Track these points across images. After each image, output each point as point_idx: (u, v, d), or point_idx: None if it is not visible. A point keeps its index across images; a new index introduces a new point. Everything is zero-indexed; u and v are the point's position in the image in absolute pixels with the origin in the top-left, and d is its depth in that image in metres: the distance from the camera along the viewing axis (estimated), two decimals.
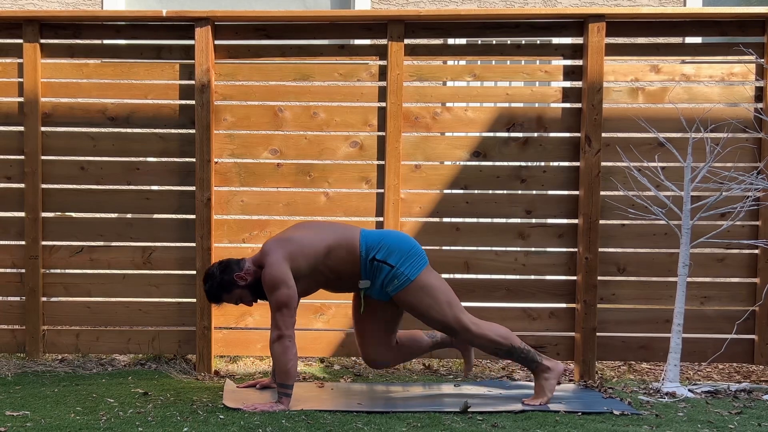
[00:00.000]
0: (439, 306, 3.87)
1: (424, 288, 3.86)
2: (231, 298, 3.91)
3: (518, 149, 4.59)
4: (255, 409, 3.67)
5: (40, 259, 4.61)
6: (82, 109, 4.65)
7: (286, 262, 3.77)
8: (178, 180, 4.63)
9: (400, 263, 3.85)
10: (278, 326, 3.72)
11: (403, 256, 3.87)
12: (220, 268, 3.88)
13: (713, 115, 4.46)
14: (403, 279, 3.85)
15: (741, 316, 4.49)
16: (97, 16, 4.83)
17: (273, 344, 3.74)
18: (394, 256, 3.86)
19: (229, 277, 3.86)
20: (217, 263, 3.93)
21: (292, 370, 3.74)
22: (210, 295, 3.92)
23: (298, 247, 3.82)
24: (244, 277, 3.85)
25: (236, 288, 3.87)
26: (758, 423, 3.57)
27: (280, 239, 3.88)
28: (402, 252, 3.87)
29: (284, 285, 3.73)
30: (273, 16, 4.63)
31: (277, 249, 3.81)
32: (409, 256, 3.88)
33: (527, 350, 3.93)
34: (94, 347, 4.68)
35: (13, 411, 3.63)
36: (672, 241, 4.48)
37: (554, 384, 3.90)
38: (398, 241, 3.92)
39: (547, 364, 3.93)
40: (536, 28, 4.60)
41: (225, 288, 3.88)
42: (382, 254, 3.86)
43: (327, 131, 4.63)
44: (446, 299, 3.89)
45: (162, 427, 3.40)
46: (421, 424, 3.50)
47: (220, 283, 3.87)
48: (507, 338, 3.91)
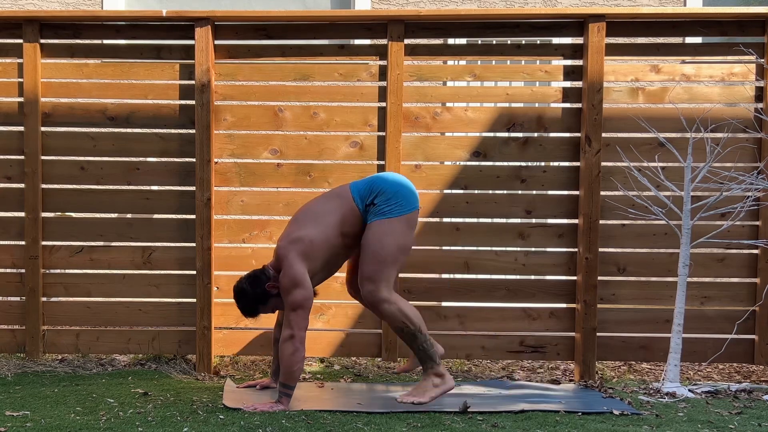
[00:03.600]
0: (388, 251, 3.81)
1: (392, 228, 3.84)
2: (267, 308, 3.93)
3: (518, 149, 4.59)
4: (255, 409, 3.67)
5: (40, 259, 4.61)
6: (82, 109, 4.65)
7: (303, 263, 3.78)
8: (178, 180, 4.62)
9: (385, 201, 3.87)
10: (292, 326, 3.73)
11: (389, 195, 3.88)
12: (250, 283, 3.89)
13: (713, 115, 4.46)
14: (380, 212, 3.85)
15: (741, 316, 4.49)
16: (97, 16, 4.83)
17: (284, 343, 3.74)
18: (381, 196, 3.88)
19: (261, 289, 3.87)
20: (245, 278, 3.92)
21: (296, 372, 3.75)
22: (246, 311, 3.93)
23: (310, 244, 3.82)
24: (275, 285, 3.86)
25: (270, 298, 3.89)
26: (758, 423, 3.57)
27: (292, 240, 3.86)
28: (389, 192, 3.88)
29: (300, 286, 3.74)
30: (273, 16, 4.63)
31: (291, 250, 3.81)
32: (395, 196, 3.88)
33: (431, 344, 3.85)
34: (94, 347, 4.68)
35: (13, 411, 3.63)
36: (672, 241, 4.48)
37: (438, 393, 3.78)
38: (388, 182, 3.92)
39: (442, 371, 3.84)
40: (536, 28, 4.60)
41: (260, 301, 3.89)
42: (371, 198, 3.89)
43: (327, 131, 4.63)
44: (398, 255, 3.85)
45: (162, 427, 3.40)
46: (421, 424, 3.50)
47: (254, 297, 3.88)
48: (417, 320, 3.82)
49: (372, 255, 3.83)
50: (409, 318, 3.80)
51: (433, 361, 3.83)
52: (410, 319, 3.80)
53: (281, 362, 3.78)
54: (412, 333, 3.81)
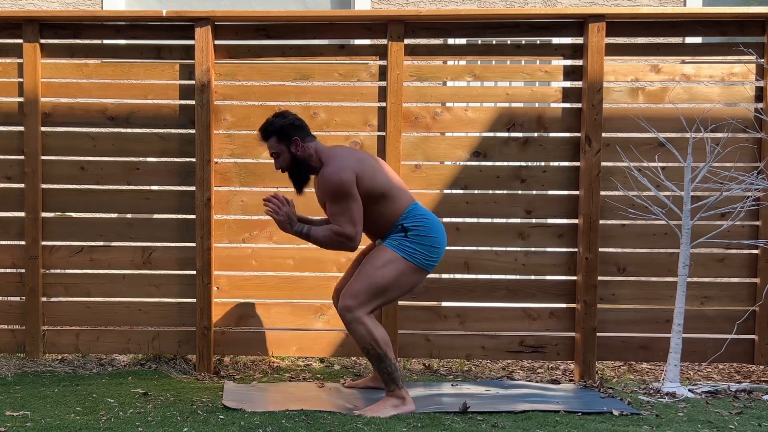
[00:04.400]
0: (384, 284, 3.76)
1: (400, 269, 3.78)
2: (276, 146, 3.89)
3: (518, 149, 4.59)
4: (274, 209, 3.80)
5: (40, 259, 4.61)
6: (82, 109, 4.65)
7: (354, 176, 3.75)
8: (178, 180, 4.62)
9: (413, 241, 3.80)
10: (356, 230, 3.74)
11: (423, 242, 3.80)
12: (294, 122, 3.89)
13: (713, 115, 4.46)
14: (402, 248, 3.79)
15: (741, 316, 4.49)
16: (97, 16, 4.83)
17: (343, 237, 3.74)
18: (415, 233, 3.81)
19: (292, 134, 3.86)
20: (299, 117, 3.94)
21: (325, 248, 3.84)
22: (266, 128, 3.90)
23: (366, 172, 3.79)
24: (299, 146, 3.85)
25: (286, 145, 3.87)
26: (758, 423, 3.57)
27: (353, 153, 3.87)
28: (425, 239, 3.81)
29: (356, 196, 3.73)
30: (273, 16, 4.63)
31: (349, 159, 3.79)
32: (426, 249, 3.81)
33: (396, 368, 3.79)
34: (94, 347, 4.68)
35: (13, 411, 3.63)
36: (672, 241, 4.48)
37: (394, 413, 3.70)
38: (433, 230, 3.85)
39: (404, 395, 3.78)
40: (536, 28, 4.60)
41: (281, 135, 3.86)
42: (409, 224, 3.83)
43: (327, 131, 4.63)
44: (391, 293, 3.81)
45: (162, 427, 3.40)
46: (421, 424, 3.50)
47: (282, 127, 3.86)
48: (385, 344, 3.75)
49: (367, 277, 3.78)
50: (377, 341, 3.74)
51: (396, 385, 3.77)
52: (378, 343, 3.74)
53: (327, 239, 3.79)
54: (378, 356, 3.75)
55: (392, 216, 3.85)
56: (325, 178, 3.76)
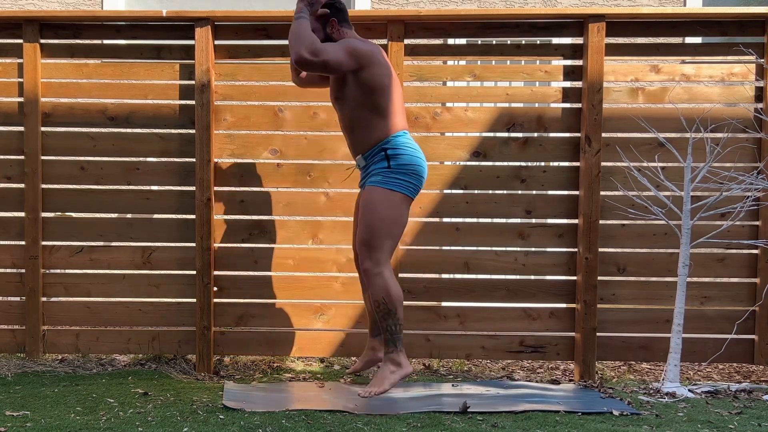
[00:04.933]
0: (387, 223, 3.85)
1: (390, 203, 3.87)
2: (308, 11, 3.98)
3: (518, 149, 4.60)
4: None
5: (40, 259, 4.61)
6: (82, 109, 4.65)
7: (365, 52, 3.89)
8: (178, 180, 4.62)
9: (398, 171, 3.88)
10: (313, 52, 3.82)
11: (407, 170, 3.90)
12: (335, 4, 4.03)
13: (713, 115, 4.46)
14: (385, 181, 3.88)
15: (741, 316, 4.49)
16: (97, 16, 4.83)
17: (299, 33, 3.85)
18: (398, 161, 3.88)
19: (332, 13, 4.01)
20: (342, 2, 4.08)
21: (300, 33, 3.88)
22: None
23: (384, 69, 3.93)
24: (334, 28, 4.02)
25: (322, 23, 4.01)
26: (758, 423, 3.57)
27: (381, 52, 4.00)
28: (409, 168, 3.90)
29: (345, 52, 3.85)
30: (273, 16, 4.62)
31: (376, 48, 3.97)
32: (410, 177, 3.91)
33: (400, 328, 3.87)
34: (94, 347, 4.68)
35: (13, 411, 3.63)
36: (672, 241, 4.48)
37: (395, 380, 3.79)
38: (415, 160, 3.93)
39: (401, 360, 3.86)
40: (536, 28, 4.60)
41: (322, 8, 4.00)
42: (393, 152, 3.90)
43: (327, 131, 4.63)
44: (395, 229, 3.90)
45: (162, 427, 3.40)
46: (421, 424, 3.50)
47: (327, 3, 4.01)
48: (399, 301, 3.85)
49: (371, 225, 3.88)
50: (390, 295, 3.84)
51: (395, 346, 3.85)
52: (390, 297, 3.84)
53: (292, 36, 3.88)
54: (388, 310, 3.85)
55: (380, 131, 3.93)
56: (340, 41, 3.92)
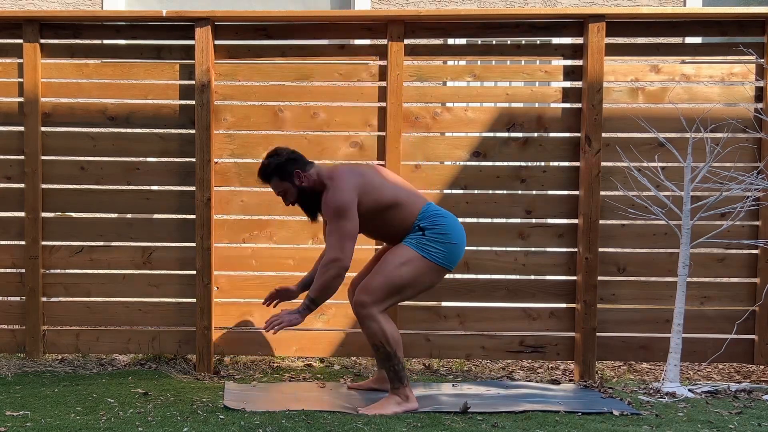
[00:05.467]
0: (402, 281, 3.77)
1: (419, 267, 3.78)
2: (279, 185, 3.90)
3: (518, 149, 4.59)
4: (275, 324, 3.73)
5: (40, 259, 4.61)
6: (82, 109, 4.65)
7: (356, 194, 3.75)
8: (178, 180, 4.62)
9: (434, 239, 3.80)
10: (343, 250, 3.70)
11: (443, 239, 3.81)
12: (289, 156, 3.89)
13: (713, 115, 4.46)
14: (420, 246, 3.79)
15: (741, 316, 4.49)
16: (97, 16, 4.83)
17: (330, 263, 3.71)
18: (434, 231, 3.81)
19: (291, 167, 3.86)
20: (290, 150, 3.94)
21: (329, 295, 3.77)
22: (264, 169, 3.91)
23: (371, 186, 3.80)
24: (302, 178, 3.85)
25: (289, 181, 3.87)
26: (758, 423, 3.57)
27: (354, 170, 3.85)
28: (440, 235, 3.81)
29: (351, 215, 3.72)
30: (273, 16, 4.63)
31: (350, 177, 3.78)
32: (447, 246, 3.81)
33: (403, 367, 3.81)
34: (94, 347, 4.68)
35: (13, 411, 3.63)
36: (672, 241, 4.48)
37: (401, 411, 3.71)
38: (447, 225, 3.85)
39: (408, 393, 3.79)
40: (536, 28, 4.60)
41: (280, 173, 3.87)
42: (425, 223, 3.83)
43: (327, 131, 4.63)
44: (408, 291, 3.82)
45: (162, 427, 3.40)
46: (421, 424, 3.50)
47: (280, 166, 3.86)
48: (396, 343, 3.77)
49: (385, 275, 3.79)
50: (387, 339, 3.76)
51: (401, 383, 3.79)
52: (388, 341, 3.76)
53: (319, 279, 3.75)
54: (388, 354, 3.78)
55: (407, 221, 3.85)
56: (326, 202, 3.77)
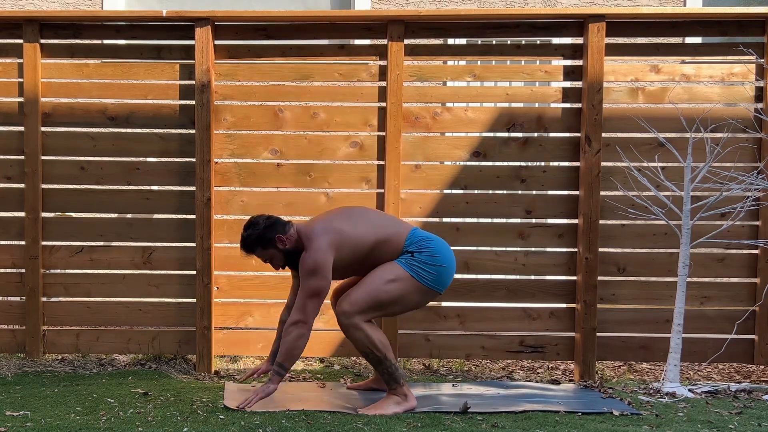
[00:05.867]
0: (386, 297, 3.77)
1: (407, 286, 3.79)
2: (264, 254, 3.89)
3: (518, 149, 4.59)
4: (249, 403, 3.69)
5: (40, 259, 4.61)
6: (82, 109, 4.65)
7: (332, 252, 3.75)
8: (178, 180, 4.62)
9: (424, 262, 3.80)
10: (305, 312, 3.72)
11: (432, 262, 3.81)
12: (266, 223, 3.86)
13: (713, 115, 4.46)
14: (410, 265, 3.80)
15: (741, 316, 4.49)
16: (97, 16, 4.83)
17: (292, 325, 3.72)
18: (423, 254, 3.81)
19: (272, 234, 3.83)
20: (265, 216, 3.91)
21: (296, 356, 3.76)
22: (245, 241, 3.89)
23: (347, 239, 3.79)
24: (284, 240, 3.84)
25: (272, 248, 3.85)
26: (758, 423, 3.57)
27: (330, 227, 3.83)
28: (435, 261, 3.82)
29: (322, 275, 3.71)
30: (273, 16, 4.63)
31: (325, 235, 3.77)
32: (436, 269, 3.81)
33: (396, 367, 3.81)
34: (94, 347, 4.68)
35: (13, 411, 3.63)
36: (672, 241, 4.48)
37: (400, 411, 3.72)
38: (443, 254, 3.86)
39: (405, 391, 3.80)
40: (536, 28, 4.60)
41: (262, 242, 3.85)
42: (413, 248, 3.83)
43: (327, 131, 4.63)
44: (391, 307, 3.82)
45: (162, 427, 3.40)
46: (421, 424, 3.50)
47: (260, 236, 3.84)
48: (384, 347, 3.77)
49: (371, 289, 3.78)
50: (375, 345, 3.76)
51: (397, 383, 3.79)
52: (376, 347, 3.76)
53: (284, 343, 3.76)
54: (377, 358, 3.78)
55: (395, 253, 3.85)
56: (302, 262, 3.77)
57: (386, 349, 3.78)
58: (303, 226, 3.90)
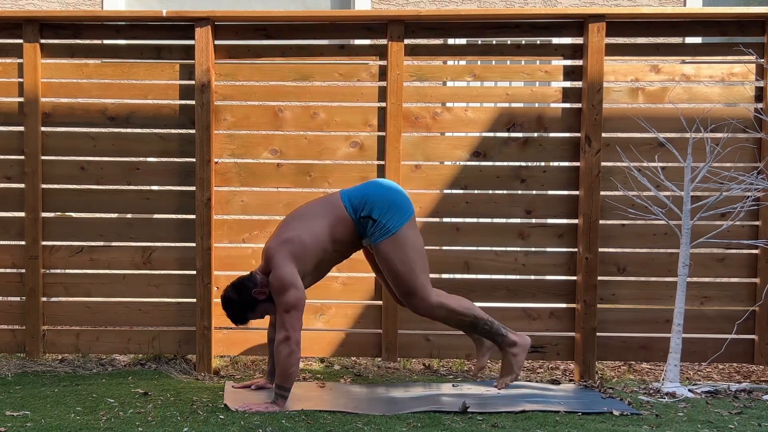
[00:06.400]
0: (411, 263, 3.88)
1: (402, 243, 3.88)
2: (256, 315, 3.94)
3: (518, 149, 4.59)
4: (249, 409, 3.67)
5: (40, 259, 4.61)
6: (82, 109, 4.65)
7: (292, 264, 3.78)
8: (178, 180, 4.62)
9: (382, 215, 3.88)
10: (286, 328, 3.74)
11: (384, 207, 3.89)
12: (236, 291, 3.90)
13: (713, 115, 4.46)
14: (383, 230, 3.88)
15: (741, 316, 4.49)
16: (97, 16, 4.83)
17: (279, 345, 3.74)
18: (376, 209, 3.89)
19: (248, 296, 3.88)
20: (230, 287, 3.94)
21: (293, 374, 3.76)
22: (235, 319, 3.95)
23: (301, 245, 3.83)
24: (261, 291, 3.87)
25: (258, 304, 3.90)
26: (758, 423, 3.57)
27: (281, 242, 3.86)
28: (383, 203, 3.90)
29: (292, 287, 3.74)
30: (273, 16, 4.63)
31: (280, 251, 3.81)
32: (391, 208, 3.89)
33: (491, 322, 3.94)
34: (94, 347, 4.68)
35: (13, 411, 3.63)
36: (672, 241, 4.48)
37: (522, 360, 3.85)
38: (380, 193, 3.93)
39: (513, 338, 3.90)
40: (536, 28, 4.60)
41: (248, 308, 3.91)
42: (366, 210, 3.90)
43: (327, 131, 4.63)
44: (420, 263, 3.92)
45: (162, 427, 3.40)
46: (421, 424, 3.50)
47: (241, 305, 3.89)
48: (469, 309, 3.91)
49: (398, 274, 3.90)
50: (460, 312, 3.92)
51: (501, 335, 3.95)
52: (463, 313, 3.92)
53: (277, 364, 3.78)
54: (470, 323, 3.94)
55: (347, 226, 3.91)
56: (271, 283, 3.82)
57: (471, 310, 3.95)
58: (262, 262, 3.94)
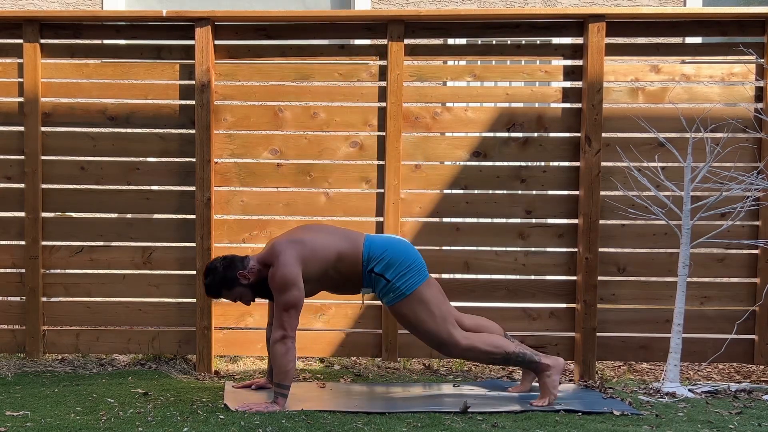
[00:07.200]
0: (433, 320, 3.88)
1: (419, 302, 3.87)
2: (230, 295, 3.90)
3: (518, 149, 4.59)
4: (249, 409, 3.67)
5: (40, 259, 4.61)
6: (82, 109, 4.65)
7: (299, 264, 3.77)
8: (178, 180, 4.62)
9: (397, 278, 3.86)
10: (284, 327, 3.73)
11: (401, 270, 3.86)
12: (224, 264, 3.87)
13: (713, 115, 4.46)
14: (398, 294, 3.86)
15: (741, 316, 4.48)
16: (97, 16, 4.83)
17: (276, 344, 3.74)
18: (391, 270, 3.86)
19: (232, 273, 3.85)
20: (221, 258, 3.92)
21: (290, 372, 3.75)
22: (209, 289, 3.91)
23: (311, 250, 3.82)
24: (247, 275, 3.85)
25: (237, 286, 3.87)
26: (758, 423, 3.57)
27: (292, 240, 3.85)
28: (400, 265, 3.87)
29: (295, 287, 3.73)
30: (273, 16, 4.63)
31: (289, 250, 3.79)
32: (408, 271, 3.87)
33: (523, 353, 3.92)
34: (94, 347, 4.68)
35: (13, 411, 3.63)
36: (672, 241, 4.48)
37: (557, 380, 3.88)
38: (399, 253, 3.90)
39: (546, 362, 3.91)
40: (536, 28, 4.60)
41: (226, 284, 3.86)
42: (380, 267, 3.87)
43: (327, 131, 4.63)
44: (440, 314, 3.90)
45: (162, 427, 3.40)
46: (421, 424, 3.50)
47: (222, 278, 3.85)
48: (499, 347, 3.90)
49: (421, 333, 3.93)
50: (490, 352, 3.91)
51: (534, 362, 3.93)
52: (493, 352, 3.91)
53: (274, 363, 3.78)
54: (503, 358, 3.95)
55: (355, 266, 3.89)
56: (272, 277, 3.78)
57: (502, 346, 3.93)
58: (264, 251, 3.93)
